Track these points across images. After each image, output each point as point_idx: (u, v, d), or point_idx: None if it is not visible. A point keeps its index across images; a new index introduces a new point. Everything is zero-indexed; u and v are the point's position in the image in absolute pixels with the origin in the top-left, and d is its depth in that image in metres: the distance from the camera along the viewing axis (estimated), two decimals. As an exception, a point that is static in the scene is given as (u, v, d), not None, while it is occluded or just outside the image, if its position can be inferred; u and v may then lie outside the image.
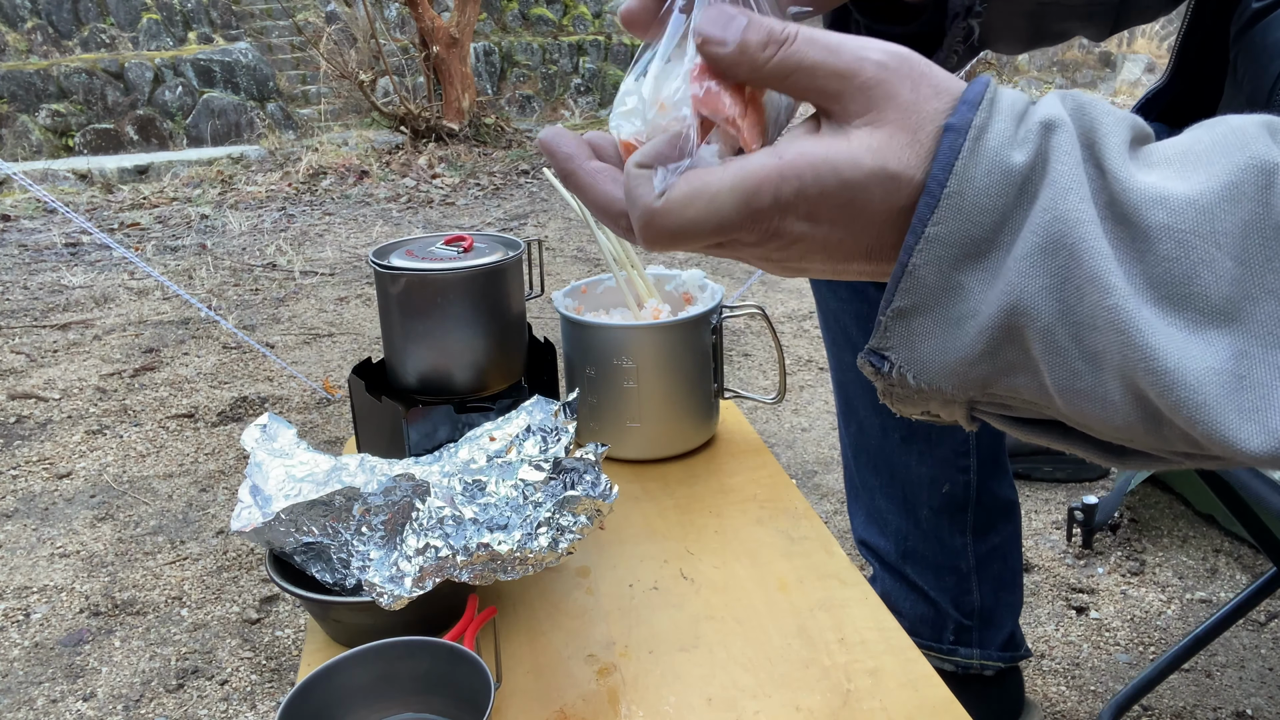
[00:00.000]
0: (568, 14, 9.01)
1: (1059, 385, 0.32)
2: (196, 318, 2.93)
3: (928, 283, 0.33)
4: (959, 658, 1.01)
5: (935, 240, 0.32)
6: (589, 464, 0.71)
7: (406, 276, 0.89)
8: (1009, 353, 0.32)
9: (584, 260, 3.43)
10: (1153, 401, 0.30)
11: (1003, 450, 0.99)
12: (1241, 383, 0.29)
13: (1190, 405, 0.29)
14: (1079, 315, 0.30)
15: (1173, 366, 0.29)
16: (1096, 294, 0.30)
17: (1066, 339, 0.31)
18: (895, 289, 0.33)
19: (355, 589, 0.72)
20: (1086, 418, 0.32)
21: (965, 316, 0.33)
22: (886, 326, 0.34)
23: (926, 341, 0.34)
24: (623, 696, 0.67)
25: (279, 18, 8.30)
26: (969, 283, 0.32)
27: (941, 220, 0.31)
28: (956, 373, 0.34)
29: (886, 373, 0.35)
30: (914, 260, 0.32)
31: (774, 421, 2.03)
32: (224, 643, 1.35)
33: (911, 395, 0.35)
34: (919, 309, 0.33)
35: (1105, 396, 0.31)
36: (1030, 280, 0.31)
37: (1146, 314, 0.29)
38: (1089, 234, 0.30)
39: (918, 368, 0.34)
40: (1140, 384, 0.30)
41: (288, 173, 5.56)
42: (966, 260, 0.32)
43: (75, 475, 1.90)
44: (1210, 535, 1.50)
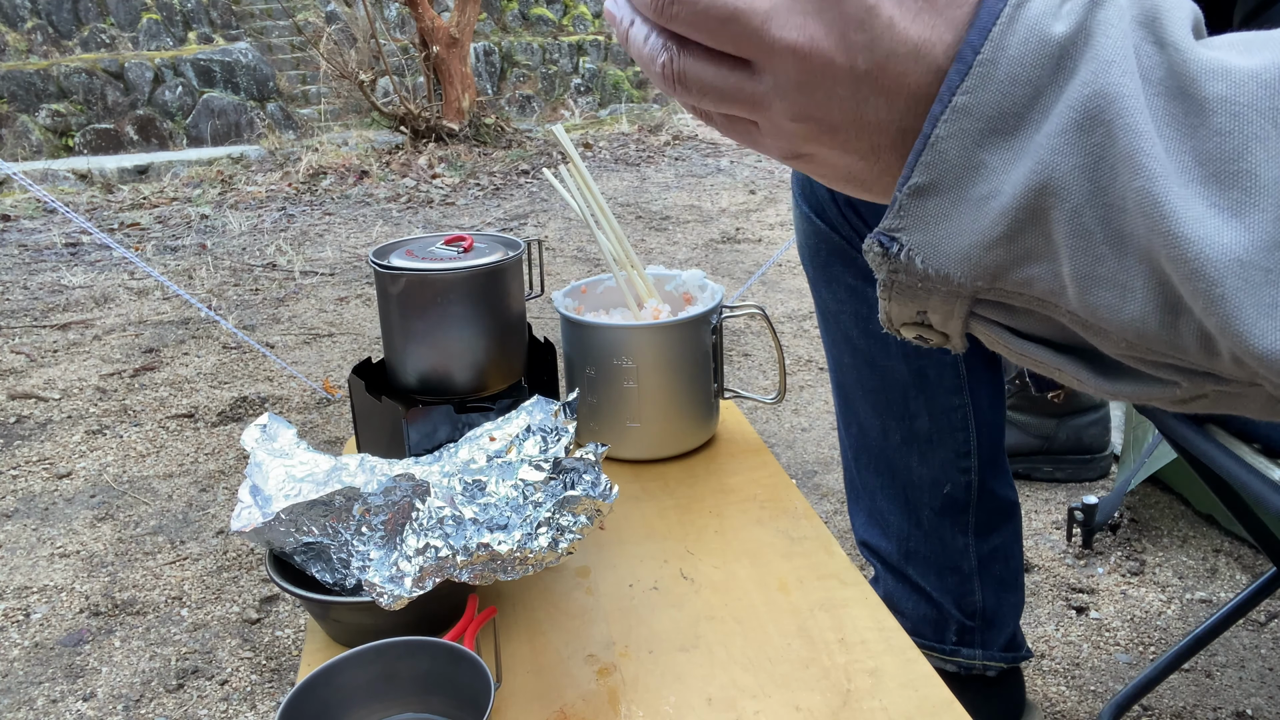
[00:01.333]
0: (568, 14, 9.01)
1: (1078, 272, 0.30)
2: (196, 318, 2.93)
3: (950, 157, 0.31)
4: (961, 658, 1.01)
5: (962, 111, 0.30)
6: (589, 464, 0.71)
7: (406, 276, 0.89)
8: (1030, 236, 0.31)
9: (584, 260, 3.43)
10: (1174, 287, 0.29)
11: (1003, 451, 0.99)
12: (1268, 276, 0.27)
13: (1211, 295, 0.28)
14: (1110, 196, 0.29)
15: (1196, 253, 0.27)
16: (1128, 174, 0.28)
17: (1094, 221, 0.29)
18: (915, 163, 0.31)
19: (355, 589, 0.72)
20: (1097, 311, 0.31)
21: (987, 196, 0.31)
22: (901, 205, 0.32)
23: (943, 223, 0.32)
24: (623, 696, 0.67)
25: (279, 18, 8.30)
26: (993, 161, 0.31)
27: (971, 89, 0.30)
28: (970, 258, 0.32)
29: (895, 254, 0.33)
30: (938, 131, 0.31)
31: (774, 421, 2.03)
32: (224, 643, 1.35)
33: (915, 285, 0.34)
34: (938, 186, 0.32)
35: (1125, 282, 0.29)
36: (1063, 158, 0.29)
37: (1180, 196, 0.28)
38: (1128, 109, 0.28)
39: (929, 250, 0.32)
40: (1164, 268, 0.28)
41: (288, 173, 5.56)
42: (993, 135, 0.30)
43: (75, 475, 1.90)
44: (1210, 535, 1.50)
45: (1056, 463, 1.68)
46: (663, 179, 5.07)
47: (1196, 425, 0.76)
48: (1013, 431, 1.67)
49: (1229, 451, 0.71)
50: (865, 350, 0.94)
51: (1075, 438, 1.67)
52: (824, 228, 0.91)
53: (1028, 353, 0.35)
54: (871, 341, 0.93)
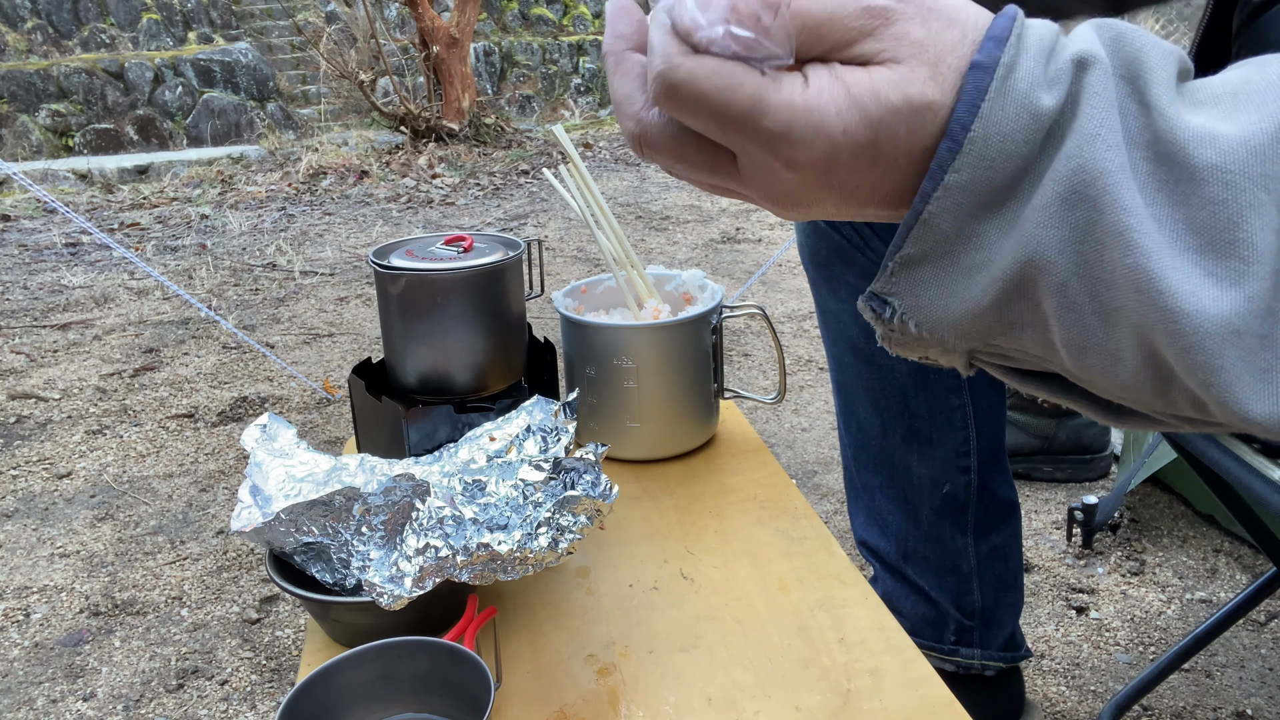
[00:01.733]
0: (568, 14, 9.01)
1: (1068, 341, 0.30)
2: (196, 318, 2.93)
3: (942, 231, 0.31)
4: (960, 658, 1.01)
5: (954, 188, 0.30)
6: (589, 464, 0.71)
7: (406, 276, 0.89)
8: (1018, 306, 0.31)
9: (584, 260, 3.43)
10: (1166, 362, 0.29)
11: (1003, 450, 0.99)
12: (1263, 343, 0.27)
13: (1207, 367, 0.28)
14: (1097, 271, 0.29)
15: (1193, 327, 0.27)
16: (1118, 250, 0.28)
17: (1082, 294, 0.29)
18: (906, 236, 0.32)
19: (355, 589, 0.72)
20: (1091, 375, 0.31)
21: (977, 266, 0.31)
22: (892, 272, 0.33)
23: (932, 290, 0.32)
24: (623, 696, 0.67)
25: (279, 18, 8.30)
26: (985, 231, 0.31)
27: (962, 167, 0.30)
28: (961, 323, 0.32)
29: (887, 319, 0.34)
30: (929, 208, 0.31)
31: (774, 421, 2.03)
32: (224, 643, 1.35)
33: (911, 342, 0.34)
34: (929, 257, 0.32)
35: (1116, 354, 0.30)
36: (1049, 232, 0.29)
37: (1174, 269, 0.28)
38: (1114, 184, 0.28)
39: (920, 315, 0.33)
40: (1157, 343, 0.28)
41: (288, 173, 5.56)
42: (985, 209, 0.30)
43: (75, 475, 1.90)
44: (1210, 535, 1.50)
45: (1056, 463, 1.68)
46: (663, 179, 5.07)
47: (1196, 425, 0.76)
48: (1013, 431, 1.67)
49: (1229, 451, 0.71)
50: (865, 350, 0.94)
51: (1075, 438, 1.67)
52: (824, 228, 0.91)
53: (1033, 388, 0.35)
54: (871, 341, 0.93)
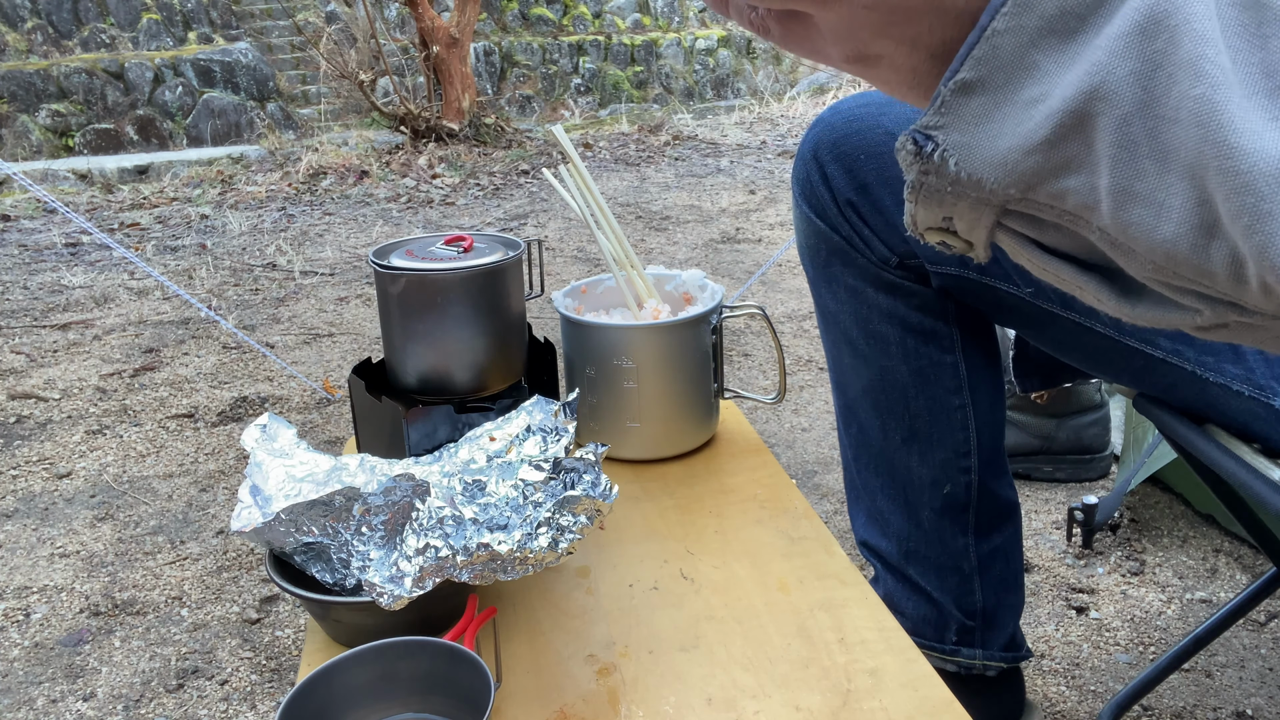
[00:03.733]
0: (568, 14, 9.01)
1: (1116, 185, 0.29)
2: (196, 318, 2.93)
3: (1004, 53, 0.30)
4: (961, 658, 1.01)
5: (1025, 5, 0.29)
6: (589, 464, 0.71)
7: (406, 276, 0.89)
8: (1072, 144, 0.30)
9: (584, 260, 3.43)
10: (1214, 206, 0.28)
11: (1003, 451, 0.99)
12: None
13: (1256, 212, 0.26)
14: (1163, 106, 0.28)
15: (1249, 165, 0.26)
16: (1188, 81, 0.27)
17: (1142, 132, 0.28)
18: (966, 56, 0.30)
19: (355, 589, 0.72)
20: (1130, 229, 0.30)
21: (1035, 100, 0.30)
22: (944, 101, 0.31)
23: (984, 124, 0.31)
24: (623, 696, 0.67)
25: (279, 18, 8.30)
26: (1046, 63, 0.29)
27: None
28: (1006, 163, 0.31)
29: (928, 154, 0.32)
30: (995, 24, 0.29)
31: (774, 421, 2.03)
32: (224, 643, 1.35)
33: (945, 189, 0.33)
34: (986, 84, 0.30)
35: (1163, 200, 0.28)
36: (1120, 62, 0.28)
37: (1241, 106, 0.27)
38: (1196, 14, 0.27)
39: (964, 152, 0.31)
40: (1208, 183, 0.27)
41: (288, 173, 5.56)
42: (1051, 36, 0.29)
43: (75, 475, 1.90)
44: (1210, 535, 1.50)
45: (1056, 463, 1.68)
46: (663, 179, 5.07)
47: (1196, 425, 0.76)
48: (1013, 431, 1.67)
49: (1229, 451, 0.71)
50: (865, 350, 0.94)
51: (1075, 438, 1.67)
52: (824, 228, 0.91)
53: (1051, 268, 0.34)
54: (871, 342, 0.93)
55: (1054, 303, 0.79)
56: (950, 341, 0.91)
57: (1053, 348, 0.86)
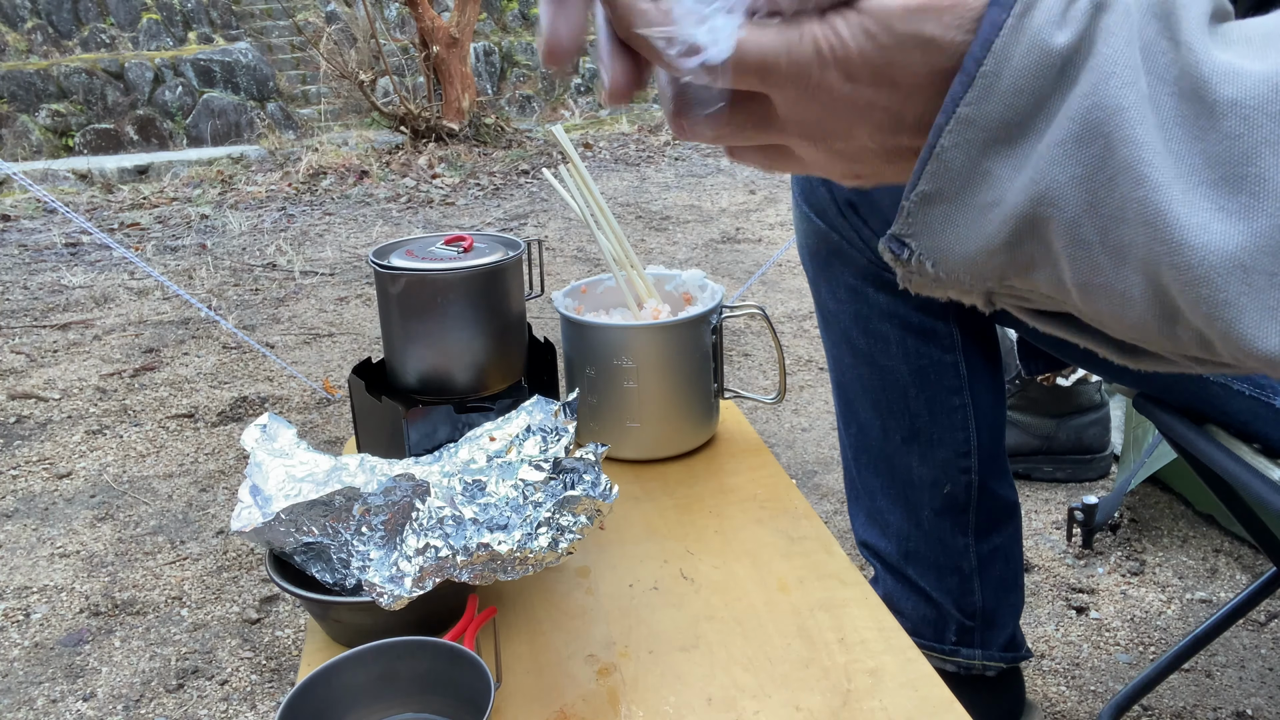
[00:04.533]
0: (568, 14, 9.01)
1: (1078, 280, 0.31)
2: (196, 318, 2.93)
3: (955, 166, 0.31)
4: (961, 658, 1.01)
5: (966, 121, 0.30)
6: (589, 464, 0.71)
7: (406, 276, 0.89)
8: (1030, 245, 0.31)
9: (584, 260, 3.43)
10: (1173, 298, 0.29)
11: (1003, 451, 0.99)
12: (1271, 280, 0.27)
13: (1212, 301, 0.28)
14: (1108, 208, 0.29)
15: (1200, 260, 0.28)
16: (1128, 185, 0.28)
17: (1092, 232, 0.30)
18: (921, 172, 0.32)
19: (355, 589, 0.72)
20: (1101, 314, 0.31)
21: (990, 205, 0.32)
22: (909, 212, 0.33)
23: (948, 230, 0.33)
24: (623, 696, 0.67)
25: (279, 18, 8.30)
26: (997, 170, 0.31)
27: (974, 101, 0.30)
28: (975, 263, 0.33)
29: (906, 260, 0.34)
30: (942, 141, 0.31)
31: (774, 421, 2.03)
32: (224, 643, 1.35)
33: (930, 284, 0.35)
34: (943, 194, 0.32)
35: (1124, 292, 0.30)
36: (1061, 169, 0.29)
37: (1183, 203, 0.28)
38: (1128, 121, 0.28)
39: (937, 256, 0.33)
40: (1163, 278, 0.29)
41: (288, 173, 5.56)
42: (997, 145, 0.31)
43: (75, 475, 1.90)
44: (1210, 535, 1.50)
45: (1056, 463, 1.68)
46: (663, 179, 5.07)
47: (1196, 425, 0.76)
48: (1013, 431, 1.67)
49: (1229, 451, 0.71)
50: (865, 350, 0.94)
51: (1075, 438, 1.67)
52: (824, 228, 0.91)
53: (1050, 327, 0.36)
54: (871, 341, 0.93)
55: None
56: (950, 341, 0.91)
57: (1053, 347, 0.86)
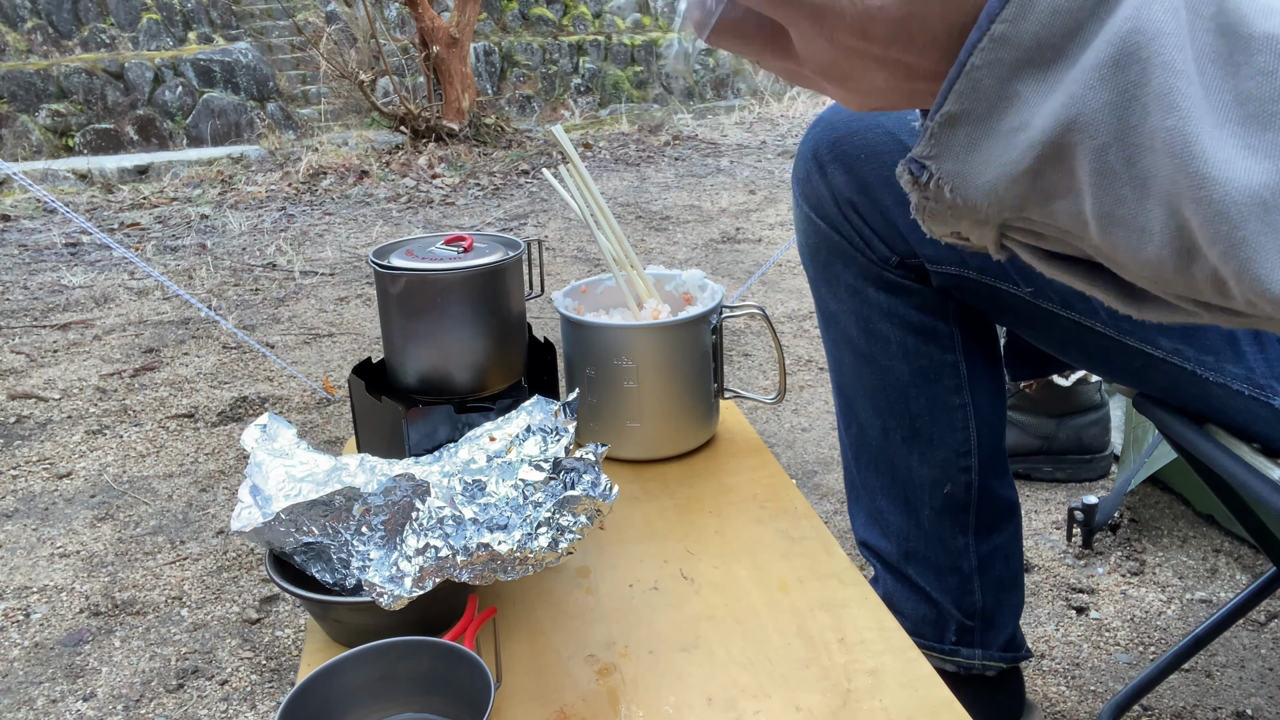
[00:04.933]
0: (568, 14, 9.01)
1: (1099, 211, 0.30)
2: (196, 318, 2.93)
3: (984, 87, 0.31)
4: (961, 658, 1.01)
5: (1000, 40, 0.30)
6: (589, 464, 0.71)
7: (406, 276, 0.89)
8: (1054, 173, 0.31)
9: (584, 260, 3.43)
10: (1192, 232, 0.28)
11: (1003, 451, 0.99)
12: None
13: (1231, 238, 0.27)
14: (1138, 136, 0.28)
15: (1221, 195, 0.27)
16: (1160, 113, 0.28)
17: (1119, 161, 0.29)
18: (949, 91, 0.31)
19: (355, 589, 0.72)
20: (1117, 250, 0.31)
21: (1017, 129, 0.31)
22: (933, 133, 0.33)
23: (972, 153, 0.32)
24: (623, 696, 0.67)
25: (279, 18, 8.30)
26: (1026, 93, 0.30)
27: (1011, 18, 0.29)
28: (995, 189, 0.32)
29: (924, 183, 0.34)
30: (973, 60, 0.30)
31: (774, 421, 2.03)
32: (224, 643, 1.35)
33: (945, 211, 0.34)
34: (969, 116, 0.32)
35: (1144, 225, 0.29)
36: (1095, 94, 0.29)
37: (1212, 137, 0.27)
38: (1168, 47, 0.28)
39: (957, 180, 0.33)
40: (1185, 212, 0.28)
41: (288, 173, 5.56)
42: (1029, 67, 0.30)
43: (75, 475, 1.90)
44: (1210, 535, 1.50)
45: (1056, 463, 1.68)
46: (663, 179, 5.07)
47: (1196, 425, 0.76)
48: (1013, 431, 1.67)
49: (1229, 451, 0.71)
50: (865, 350, 0.94)
51: (1075, 438, 1.67)
52: (824, 227, 0.91)
53: (1058, 272, 0.35)
54: (872, 341, 0.93)
55: (1054, 302, 0.79)
56: (951, 341, 0.91)
57: (1052, 347, 0.86)
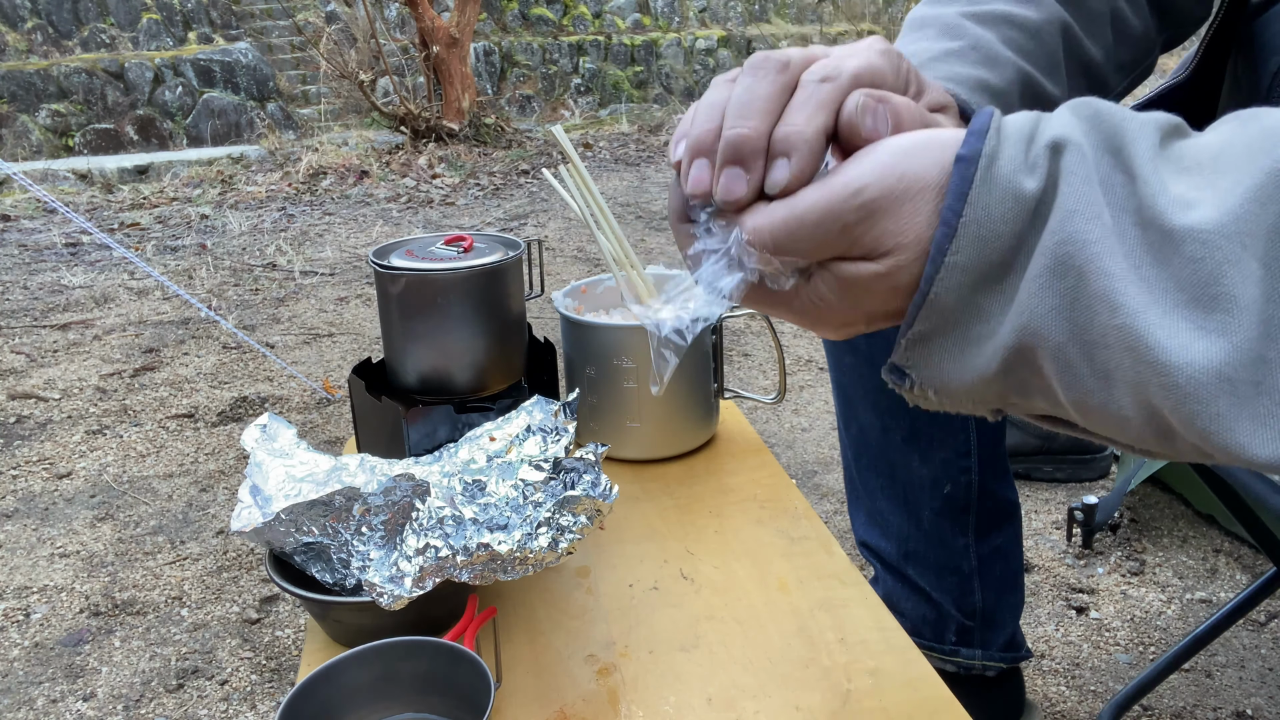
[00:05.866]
0: (568, 14, 9.01)
1: (1073, 401, 0.32)
2: (196, 318, 2.93)
3: (947, 307, 0.33)
4: (961, 658, 1.01)
5: (955, 268, 0.33)
6: (589, 464, 0.71)
7: (406, 276, 0.89)
8: (1023, 372, 0.33)
9: (584, 260, 3.43)
10: (1165, 416, 0.30)
11: (1003, 451, 0.99)
12: (1258, 389, 0.28)
13: (1204, 417, 0.29)
14: (1090, 335, 0.31)
15: (1186, 379, 0.29)
16: (1106, 313, 0.30)
17: (1078, 358, 0.31)
18: (915, 315, 0.34)
19: (355, 589, 0.72)
20: (1100, 430, 0.33)
21: (983, 337, 0.33)
22: (906, 348, 0.35)
23: (946, 362, 0.35)
24: (623, 696, 0.67)
25: (279, 18, 8.30)
26: (987, 305, 0.33)
27: (960, 249, 0.32)
28: (975, 390, 0.35)
29: (909, 388, 0.36)
30: (934, 289, 0.33)
31: (774, 421, 2.03)
32: (224, 643, 1.35)
33: (934, 406, 0.37)
34: (938, 332, 0.34)
35: (1119, 412, 0.31)
36: (1041, 301, 0.31)
37: (1162, 326, 0.29)
38: (1097, 254, 0.30)
39: (938, 385, 0.35)
40: (1153, 399, 0.30)
41: (288, 173, 5.56)
42: (985, 284, 0.33)
43: (75, 475, 1.90)
44: (1210, 535, 1.50)
45: (1056, 463, 1.68)
46: (663, 179, 5.07)
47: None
48: (1013, 431, 1.67)
49: (1229, 451, 0.71)
50: (865, 350, 0.94)
51: (1075, 438, 1.67)
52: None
53: (1062, 430, 0.37)
54: (872, 341, 0.93)
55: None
56: (950, 341, 0.91)
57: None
